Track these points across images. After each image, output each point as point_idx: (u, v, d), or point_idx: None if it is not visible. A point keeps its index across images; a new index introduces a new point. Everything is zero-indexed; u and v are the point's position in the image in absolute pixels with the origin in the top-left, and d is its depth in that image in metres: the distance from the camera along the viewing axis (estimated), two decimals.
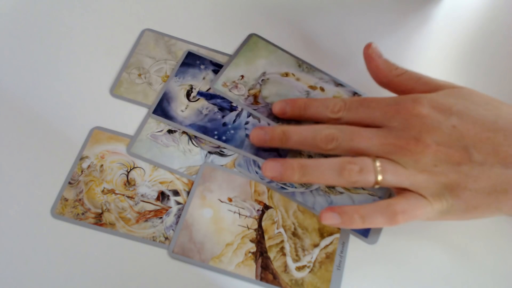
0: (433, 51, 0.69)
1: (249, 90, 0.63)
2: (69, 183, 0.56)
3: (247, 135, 0.60)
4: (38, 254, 0.53)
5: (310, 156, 0.59)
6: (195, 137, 0.60)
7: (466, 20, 0.72)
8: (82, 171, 0.57)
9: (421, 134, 0.48)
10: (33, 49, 0.65)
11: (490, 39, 0.71)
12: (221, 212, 0.56)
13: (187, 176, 0.57)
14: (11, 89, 0.62)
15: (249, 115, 0.62)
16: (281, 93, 0.63)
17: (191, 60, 0.65)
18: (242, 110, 0.62)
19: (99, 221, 0.54)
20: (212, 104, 0.62)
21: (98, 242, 0.54)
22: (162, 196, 0.56)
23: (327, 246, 0.55)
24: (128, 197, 0.56)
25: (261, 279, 0.53)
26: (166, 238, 0.54)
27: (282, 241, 0.55)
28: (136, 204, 0.56)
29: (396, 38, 0.70)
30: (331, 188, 0.58)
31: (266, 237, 0.55)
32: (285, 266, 0.53)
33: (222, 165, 0.58)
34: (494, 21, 0.73)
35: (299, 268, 0.53)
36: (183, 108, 0.62)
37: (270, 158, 0.58)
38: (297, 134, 0.54)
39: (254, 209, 0.56)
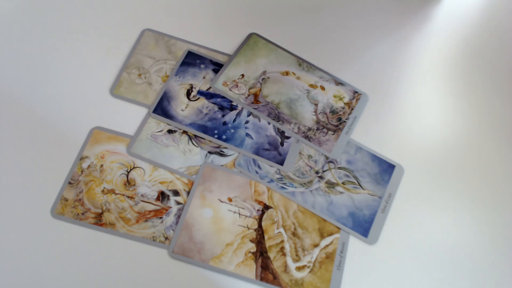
0: (433, 51, 0.69)
1: (249, 89, 0.63)
2: (69, 183, 0.56)
3: (247, 134, 0.60)
4: (38, 254, 0.53)
5: (310, 156, 0.59)
6: (195, 137, 0.60)
7: (466, 20, 0.72)
8: (82, 171, 0.57)
9: None
10: (33, 49, 0.65)
11: (489, 39, 0.71)
12: (221, 212, 0.55)
13: (187, 176, 0.57)
14: (11, 89, 0.62)
15: (249, 114, 0.62)
16: (282, 92, 0.63)
17: (191, 60, 0.65)
18: (242, 109, 0.62)
19: (99, 221, 0.54)
20: (212, 103, 0.62)
21: (98, 242, 0.54)
22: (162, 196, 0.56)
23: (327, 246, 0.55)
24: (128, 197, 0.56)
25: (261, 279, 0.52)
26: (166, 238, 0.54)
27: (282, 241, 0.55)
28: (136, 204, 0.56)
29: (396, 38, 0.70)
30: (331, 188, 0.58)
31: (266, 237, 0.55)
32: (285, 266, 0.53)
33: (222, 165, 0.58)
34: (493, 21, 0.72)
35: (299, 268, 0.53)
36: (183, 107, 0.61)
37: (270, 157, 0.58)
38: None
39: (254, 209, 0.56)
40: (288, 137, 0.60)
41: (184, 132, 0.60)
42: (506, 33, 0.71)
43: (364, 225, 0.56)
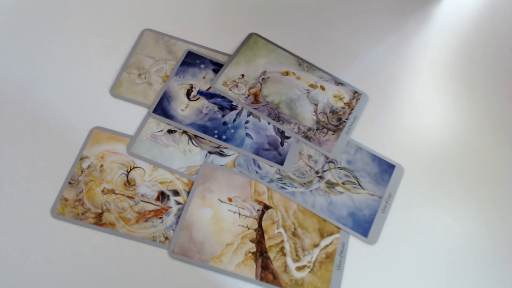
0: (433, 51, 0.69)
1: (249, 89, 0.63)
2: (69, 183, 0.56)
3: (247, 134, 0.60)
4: (38, 254, 0.53)
5: (310, 156, 0.59)
6: (195, 137, 0.60)
7: (466, 20, 0.72)
8: (82, 171, 0.57)
9: None
10: (33, 49, 0.65)
11: (489, 39, 0.71)
12: (221, 212, 0.55)
13: (187, 176, 0.57)
14: (11, 89, 0.62)
15: (249, 114, 0.62)
16: (282, 92, 0.63)
17: (191, 60, 0.65)
18: (242, 109, 0.62)
19: (99, 221, 0.54)
20: (212, 103, 0.62)
21: (98, 242, 0.54)
22: (162, 196, 0.56)
23: (327, 246, 0.55)
24: (128, 197, 0.56)
25: (261, 279, 0.52)
26: (166, 238, 0.54)
27: (282, 241, 0.55)
28: (136, 204, 0.56)
29: (396, 37, 0.70)
30: (331, 188, 0.58)
31: (266, 237, 0.55)
32: (285, 266, 0.53)
33: (222, 165, 0.58)
34: (493, 21, 0.72)
35: (299, 268, 0.53)
36: (183, 107, 0.61)
37: (270, 157, 0.58)
38: None
39: (254, 209, 0.56)
40: (288, 137, 0.60)
41: (184, 132, 0.60)
42: (506, 33, 0.71)
43: (364, 225, 0.56)
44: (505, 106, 0.65)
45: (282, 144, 0.60)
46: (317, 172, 0.59)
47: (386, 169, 0.60)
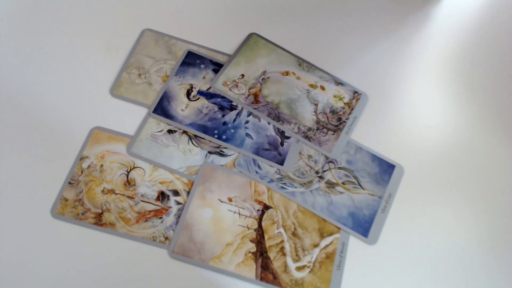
0: (433, 51, 0.69)
1: (249, 89, 0.63)
2: (69, 183, 0.56)
3: (247, 134, 0.60)
4: (38, 254, 0.53)
5: (310, 156, 0.59)
6: (195, 137, 0.60)
7: (465, 20, 0.72)
8: (82, 171, 0.57)
9: None
10: (33, 49, 0.65)
11: (489, 39, 0.71)
12: (221, 212, 0.55)
13: (187, 176, 0.57)
14: (11, 89, 0.62)
15: (249, 114, 0.62)
16: (282, 92, 0.63)
17: (191, 60, 0.65)
18: (242, 109, 0.62)
19: (99, 221, 0.54)
20: (212, 103, 0.62)
21: (98, 242, 0.54)
22: (162, 196, 0.56)
23: (327, 246, 0.55)
24: (128, 197, 0.56)
25: (261, 279, 0.52)
26: (166, 238, 0.54)
27: (282, 241, 0.55)
28: (136, 204, 0.56)
29: (396, 38, 0.70)
30: (331, 188, 0.58)
31: (266, 237, 0.55)
32: (285, 266, 0.53)
33: (222, 165, 0.58)
34: (493, 21, 0.72)
35: (299, 268, 0.53)
36: (183, 107, 0.61)
37: (270, 157, 0.58)
38: None
39: (254, 209, 0.56)
40: (288, 137, 0.60)
41: (184, 132, 0.60)
42: (506, 33, 0.71)
43: (364, 225, 0.56)
44: (505, 106, 0.65)
45: (282, 144, 0.60)
46: (317, 172, 0.59)
47: (386, 169, 0.60)
